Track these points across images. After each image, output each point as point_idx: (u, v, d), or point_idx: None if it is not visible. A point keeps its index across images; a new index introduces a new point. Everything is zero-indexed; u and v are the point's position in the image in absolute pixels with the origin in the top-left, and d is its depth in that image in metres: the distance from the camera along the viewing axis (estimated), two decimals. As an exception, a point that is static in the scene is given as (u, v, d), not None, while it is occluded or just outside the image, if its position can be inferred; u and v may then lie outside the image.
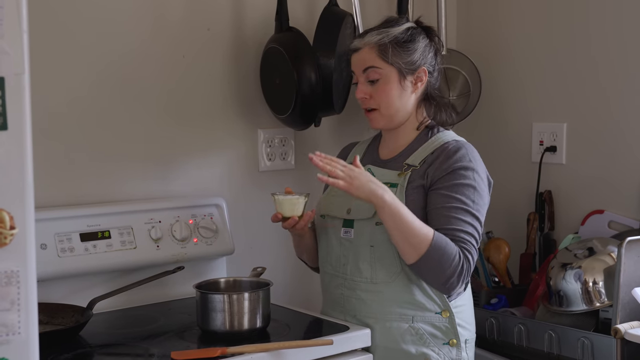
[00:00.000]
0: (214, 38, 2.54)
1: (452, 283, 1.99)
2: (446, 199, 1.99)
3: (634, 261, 2.19)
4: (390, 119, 2.11)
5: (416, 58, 2.09)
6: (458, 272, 1.97)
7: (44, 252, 2.13)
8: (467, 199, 2.00)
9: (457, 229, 1.98)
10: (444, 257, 1.95)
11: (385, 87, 2.08)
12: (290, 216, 2.08)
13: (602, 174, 2.68)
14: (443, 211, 1.99)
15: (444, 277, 1.98)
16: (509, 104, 2.96)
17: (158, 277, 2.24)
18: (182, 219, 2.38)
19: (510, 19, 2.95)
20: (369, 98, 2.10)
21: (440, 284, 2.00)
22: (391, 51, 2.06)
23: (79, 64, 2.30)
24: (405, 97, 2.10)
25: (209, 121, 2.55)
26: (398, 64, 2.07)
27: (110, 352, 1.94)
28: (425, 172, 2.04)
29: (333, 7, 2.59)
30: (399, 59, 2.07)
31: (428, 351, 2.05)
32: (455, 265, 1.96)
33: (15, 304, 1.33)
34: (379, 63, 2.07)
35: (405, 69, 2.07)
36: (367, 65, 2.08)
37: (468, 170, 2.02)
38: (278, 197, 2.08)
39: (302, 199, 2.08)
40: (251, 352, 1.85)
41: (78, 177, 2.32)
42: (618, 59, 2.62)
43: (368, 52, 2.08)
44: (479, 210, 2.02)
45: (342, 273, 2.12)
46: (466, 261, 1.98)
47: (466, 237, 1.99)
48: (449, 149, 2.05)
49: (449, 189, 2.00)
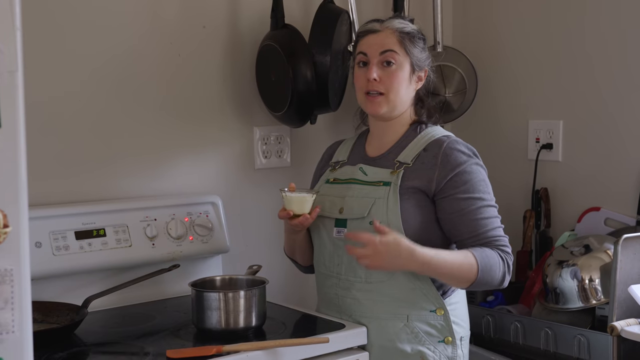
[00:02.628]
0: (210, 35, 2.53)
1: (505, 281, 2.05)
2: (467, 202, 2.02)
3: (630, 258, 2.19)
4: (393, 107, 2.10)
5: (424, 57, 2.13)
6: (507, 271, 2.03)
7: (39, 250, 2.13)
8: (483, 193, 2.04)
9: (488, 229, 2.02)
10: (493, 268, 2.00)
11: (398, 73, 2.08)
12: (301, 214, 2.07)
13: (598, 171, 2.68)
14: (469, 216, 2.02)
15: (496, 283, 2.03)
16: (505, 102, 2.96)
17: (153, 275, 2.24)
18: (177, 216, 2.37)
19: (506, 16, 2.94)
20: (379, 81, 2.08)
21: (495, 286, 2.05)
22: (409, 42, 2.09)
23: (74, 62, 2.30)
24: (410, 90, 2.12)
25: (205, 119, 2.55)
26: (413, 56, 2.09)
27: (105, 350, 1.93)
28: (426, 177, 2.03)
29: (329, 4, 2.58)
30: (414, 52, 2.10)
31: (424, 349, 2.05)
32: (502, 267, 2.02)
33: (9, 303, 1.32)
34: (398, 49, 2.08)
35: (416, 63, 2.10)
36: (387, 47, 2.08)
37: (472, 166, 2.04)
38: (288, 194, 2.07)
39: (311, 197, 2.09)
40: (247, 350, 1.85)
41: (73, 175, 2.31)
42: (614, 57, 2.62)
43: (389, 36, 2.09)
44: (493, 197, 2.08)
45: (336, 273, 2.12)
46: (507, 256, 2.04)
47: (498, 233, 2.04)
48: (444, 148, 2.05)
49: (466, 192, 2.02)
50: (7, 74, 1.30)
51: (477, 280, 1.98)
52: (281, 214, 2.09)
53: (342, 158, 2.23)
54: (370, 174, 2.09)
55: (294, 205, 2.07)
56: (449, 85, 2.86)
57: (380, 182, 2.05)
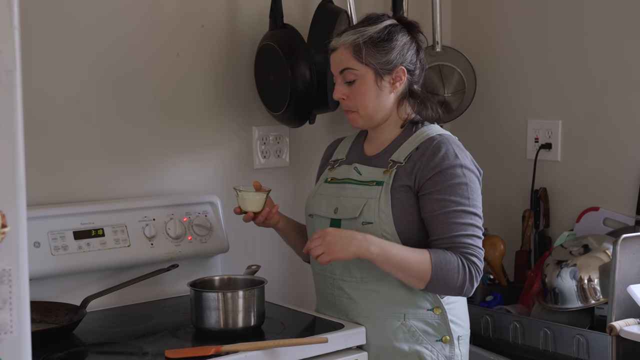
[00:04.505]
0: (209, 35, 2.53)
1: (466, 289, 1.99)
2: (441, 204, 1.97)
3: (629, 258, 2.19)
4: (369, 119, 2.08)
5: (393, 57, 2.04)
6: (468, 278, 1.97)
7: (37, 250, 2.12)
8: (462, 198, 1.98)
9: (457, 235, 1.97)
10: (449, 273, 1.95)
11: (362, 88, 2.04)
12: (247, 211, 2.15)
13: (597, 171, 2.68)
14: (441, 218, 1.97)
15: (455, 288, 1.98)
16: (504, 101, 2.96)
17: (152, 275, 2.24)
18: (176, 216, 2.37)
19: (505, 16, 2.94)
20: (347, 99, 2.07)
21: (455, 293, 2.00)
22: (365, 51, 2.02)
23: (72, 61, 2.29)
24: (384, 97, 2.06)
25: (203, 118, 2.55)
26: (373, 65, 2.02)
27: (103, 350, 1.93)
28: (412, 172, 2.01)
29: (327, 3, 2.58)
30: (373, 60, 2.02)
31: (421, 348, 2.04)
32: (462, 274, 1.96)
33: (7, 303, 1.32)
34: (354, 64, 2.03)
35: (381, 69, 2.03)
36: (343, 66, 2.05)
37: (456, 168, 1.99)
38: (238, 191, 2.15)
39: (260, 195, 2.14)
40: (245, 350, 1.84)
41: (71, 174, 2.31)
42: (613, 56, 2.62)
43: (343, 53, 2.05)
44: (475, 204, 2.01)
45: (331, 273, 2.12)
46: (471, 264, 1.97)
47: (467, 240, 1.98)
48: (432, 146, 2.01)
49: (442, 192, 1.97)
50: (5, 74, 1.30)
51: (431, 280, 1.94)
52: (234, 210, 2.18)
53: (341, 156, 2.23)
54: (365, 173, 2.09)
55: (243, 202, 2.15)
56: (447, 85, 2.86)
57: (374, 181, 2.05)
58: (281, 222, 2.24)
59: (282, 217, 2.25)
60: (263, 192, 2.15)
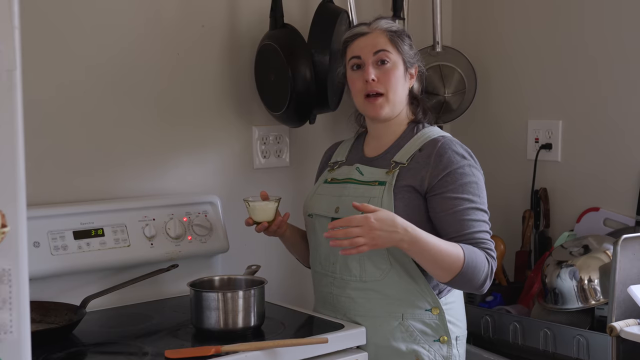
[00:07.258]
0: (209, 35, 2.53)
1: (485, 285, 2.01)
2: (455, 202, 2.00)
3: (629, 259, 2.19)
4: (394, 106, 2.11)
5: (414, 54, 2.15)
6: (489, 274, 2.00)
7: (37, 250, 2.12)
8: (473, 196, 2.01)
9: (475, 231, 2.00)
10: (477, 269, 1.96)
11: (395, 71, 2.09)
12: (260, 221, 2.14)
13: (597, 172, 2.68)
14: (457, 215, 1.99)
15: (478, 284, 1.99)
16: (505, 102, 2.96)
17: (152, 275, 2.23)
18: (176, 216, 2.37)
19: (506, 16, 2.94)
20: (377, 81, 2.09)
21: (474, 290, 2.02)
22: (399, 40, 2.10)
23: (72, 61, 2.29)
24: (406, 88, 2.13)
25: (204, 118, 2.54)
26: (403, 54, 2.10)
27: (103, 350, 1.93)
28: (419, 174, 2.03)
29: (328, 3, 2.58)
30: (403, 50, 2.11)
31: (418, 348, 2.04)
32: (486, 270, 1.99)
33: (7, 303, 1.32)
34: (390, 48, 2.09)
35: (408, 60, 2.11)
36: (380, 47, 2.08)
37: (465, 167, 2.03)
38: (249, 202, 2.14)
39: (272, 204, 2.15)
40: (245, 350, 1.84)
41: (71, 174, 2.31)
42: (614, 57, 2.62)
43: (379, 36, 2.10)
44: (484, 202, 2.05)
45: (331, 272, 2.12)
46: (492, 261, 2.01)
47: (485, 236, 2.01)
48: (439, 147, 2.04)
49: (454, 191, 2.00)
50: (6, 73, 1.30)
51: (460, 274, 1.94)
52: (246, 221, 2.16)
53: (341, 158, 2.23)
54: (367, 173, 2.09)
55: (255, 213, 2.15)
56: (448, 85, 2.86)
57: (376, 181, 2.05)
58: (288, 230, 2.25)
59: (289, 225, 2.25)
60: (274, 201, 2.15)
